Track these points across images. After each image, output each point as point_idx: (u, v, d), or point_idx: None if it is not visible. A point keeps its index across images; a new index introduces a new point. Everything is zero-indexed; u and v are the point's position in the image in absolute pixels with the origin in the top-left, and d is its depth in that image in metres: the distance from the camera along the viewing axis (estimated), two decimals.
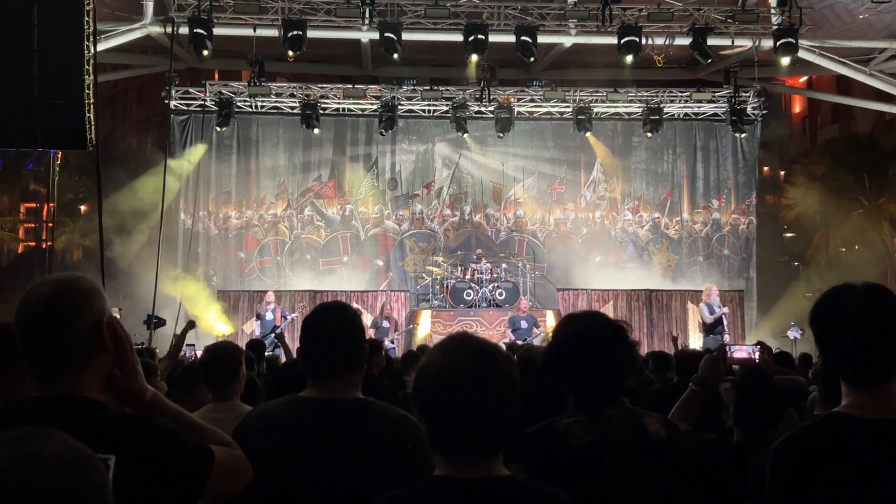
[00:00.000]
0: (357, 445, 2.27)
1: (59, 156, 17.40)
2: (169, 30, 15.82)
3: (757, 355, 3.81)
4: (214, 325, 15.78)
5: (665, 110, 18.28)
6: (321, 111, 18.05)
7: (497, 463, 1.68)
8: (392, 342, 14.40)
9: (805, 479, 1.86)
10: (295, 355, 5.64)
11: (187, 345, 12.59)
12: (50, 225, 17.97)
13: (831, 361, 1.98)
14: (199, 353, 10.97)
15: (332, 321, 2.42)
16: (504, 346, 10.35)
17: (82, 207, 23.44)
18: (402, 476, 2.19)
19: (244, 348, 5.57)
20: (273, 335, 13.18)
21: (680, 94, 18.58)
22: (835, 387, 2.42)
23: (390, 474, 2.22)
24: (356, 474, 2.24)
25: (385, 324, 14.78)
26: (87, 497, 1.10)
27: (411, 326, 15.53)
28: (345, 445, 2.27)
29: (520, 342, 11.67)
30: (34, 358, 1.84)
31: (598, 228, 19.13)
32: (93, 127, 9.30)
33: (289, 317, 14.51)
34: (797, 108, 35.73)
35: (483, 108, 18.27)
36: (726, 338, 13.36)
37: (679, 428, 2.62)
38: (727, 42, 16.68)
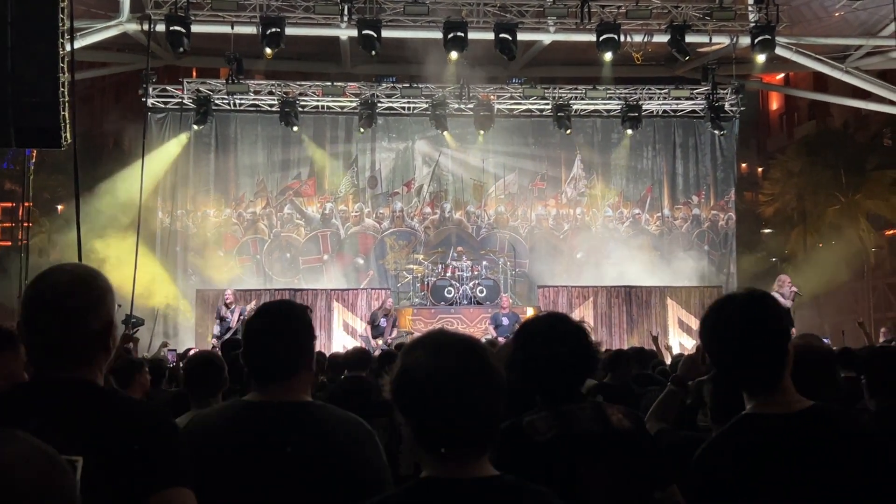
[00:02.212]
0: (306, 450, 2.14)
1: (35, 155, 17.19)
2: (146, 27, 15.65)
3: None
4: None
5: (644, 107, 18.37)
6: (300, 109, 17.97)
7: (485, 462, 1.64)
8: (386, 344, 13.98)
9: (730, 481, 1.89)
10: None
11: (169, 350, 12.55)
12: (26, 224, 17.71)
13: (721, 371, 2.04)
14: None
15: (275, 321, 2.28)
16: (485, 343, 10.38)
17: (59, 206, 23.21)
18: (356, 480, 2.14)
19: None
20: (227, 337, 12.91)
21: (658, 91, 18.66)
22: (724, 404, 2.49)
23: (342, 479, 2.13)
24: (306, 480, 2.12)
25: (383, 322, 14.35)
26: (50, 499, 1.08)
27: (405, 335, 14.59)
28: (293, 451, 2.14)
29: (501, 339, 11.66)
30: (41, 345, 1.80)
31: (579, 225, 19.17)
32: (68, 125, 9.20)
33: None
34: (774, 104, 36.01)
35: (462, 106, 18.27)
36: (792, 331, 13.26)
37: (642, 418, 2.64)
38: (705, 39, 16.77)
